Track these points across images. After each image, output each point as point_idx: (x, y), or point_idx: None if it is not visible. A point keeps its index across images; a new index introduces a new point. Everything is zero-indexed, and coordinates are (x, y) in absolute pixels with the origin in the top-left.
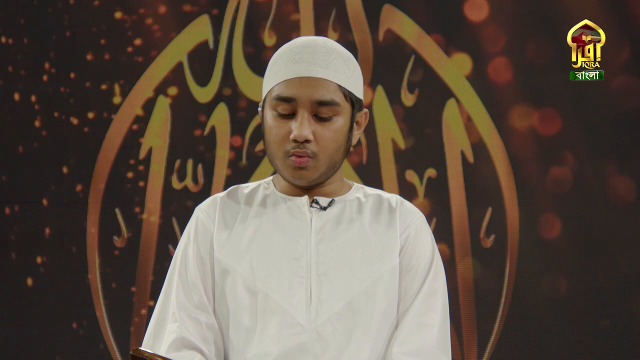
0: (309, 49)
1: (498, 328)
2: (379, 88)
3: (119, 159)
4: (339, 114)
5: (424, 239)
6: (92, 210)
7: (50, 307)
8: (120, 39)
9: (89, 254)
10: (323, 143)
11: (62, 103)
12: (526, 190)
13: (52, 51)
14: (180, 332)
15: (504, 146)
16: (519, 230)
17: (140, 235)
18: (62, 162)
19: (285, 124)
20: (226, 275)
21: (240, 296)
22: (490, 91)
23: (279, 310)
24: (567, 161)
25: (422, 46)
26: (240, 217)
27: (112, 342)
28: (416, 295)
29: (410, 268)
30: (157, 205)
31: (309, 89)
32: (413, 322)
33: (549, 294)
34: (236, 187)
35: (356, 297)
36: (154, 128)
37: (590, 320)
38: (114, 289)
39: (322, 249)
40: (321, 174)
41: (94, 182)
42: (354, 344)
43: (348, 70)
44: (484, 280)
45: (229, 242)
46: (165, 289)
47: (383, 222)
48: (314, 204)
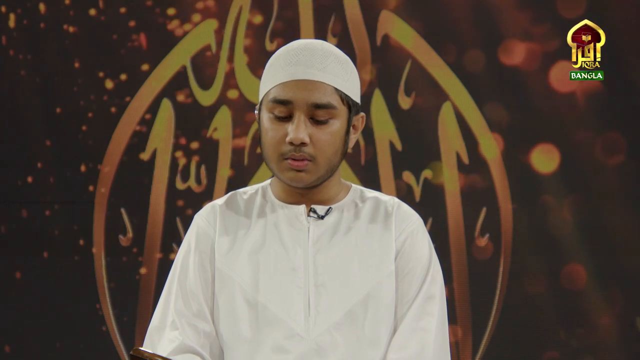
0: (306, 51)
1: (492, 326)
2: (376, 91)
3: (125, 160)
4: (336, 117)
5: (421, 243)
6: (99, 210)
7: (56, 305)
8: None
9: (95, 252)
10: (319, 146)
11: (69, 104)
12: (519, 190)
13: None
14: (181, 339)
15: (497, 145)
16: (512, 230)
17: (145, 234)
18: (69, 163)
19: (282, 126)
20: (225, 285)
21: (239, 307)
22: (486, 94)
23: (278, 322)
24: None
25: (419, 51)
26: (240, 225)
27: (119, 341)
28: (413, 300)
29: (407, 272)
30: (161, 205)
31: (305, 92)
32: (410, 327)
33: (543, 292)
34: (234, 194)
35: (354, 306)
36: (159, 130)
37: (586, 319)
38: (119, 287)
39: (320, 259)
40: (318, 177)
41: (101, 183)
42: (353, 353)
43: (345, 73)
44: (478, 279)
45: (230, 251)
46: (165, 296)
47: (379, 227)
48: (311, 213)
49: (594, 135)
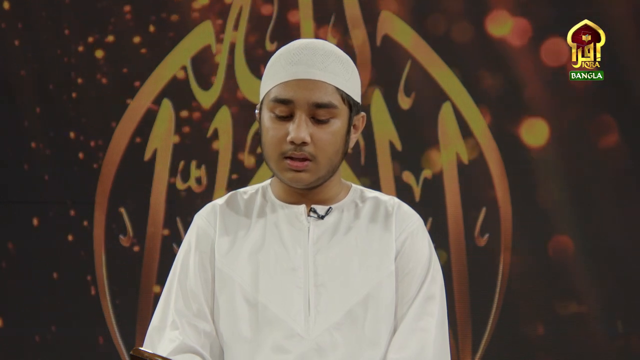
0: (307, 51)
1: (492, 326)
2: (376, 91)
3: (125, 160)
4: (337, 116)
5: (421, 243)
6: (99, 210)
7: (57, 304)
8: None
9: (95, 253)
10: (320, 145)
11: (67, 104)
12: (519, 190)
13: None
14: (182, 339)
15: (497, 147)
16: (512, 230)
17: (145, 234)
18: (69, 163)
19: (283, 126)
20: (226, 285)
21: (239, 307)
22: (484, 94)
23: (278, 321)
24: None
25: (419, 51)
26: (240, 225)
27: (119, 341)
28: (413, 300)
29: (407, 272)
30: (161, 205)
31: (306, 91)
32: (410, 327)
33: (543, 293)
34: (234, 193)
35: (354, 306)
36: (159, 130)
37: (585, 319)
38: (120, 287)
39: (320, 259)
40: (319, 178)
41: (101, 183)
42: (353, 353)
43: (346, 73)
44: (478, 278)
45: (230, 251)
46: (165, 296)
47: (379, 227)
48: (311, 213)
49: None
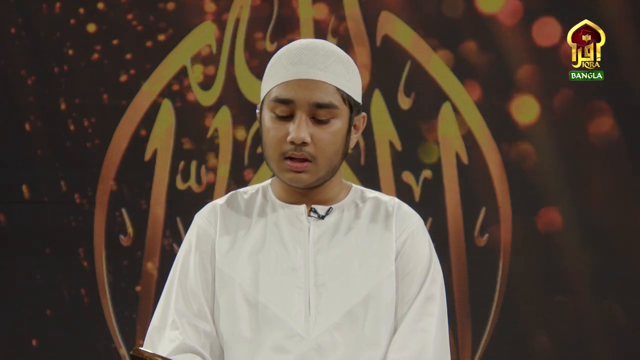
0: (308, 51)
1: (492, 326)
2: (376, 92)
3: (125, 160)
4: (337, 116)
5: (421, 244)
6: (99, 210)
7: (56, 304)
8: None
9: (95, 252)
10: (321, 145)
11: (68, 105)
12: (519, 190)
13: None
14: (182, 339)
15: (497, 148)
16: (511, 230)
17: (146, 234)
18: (70, 163)
19: (283, 125)
20: (226, 285)
21: (239, 307)
22: (484, 95)
23: (278, 321)
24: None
25: (419, 51)
26: (241, 225)
27: (119, 341)
28: (413, 300)
29: (407, 273)
30: (161, 205)
31: (307, 91)
32: (410, 327)
33: (542, 292)
34: (235, 193)
35: (354, 306)
36: (159, 130)
37: (584, 319)
38: (120, 286)
39: (320, 259)
40: (319, 178)
41: (101, 183)
42: (353, 353)
43: (347, 73)
44: (478, 278)
45: (230, 251)
46: (165, 296)
47: (380, 227)
48: (312, 213)
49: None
